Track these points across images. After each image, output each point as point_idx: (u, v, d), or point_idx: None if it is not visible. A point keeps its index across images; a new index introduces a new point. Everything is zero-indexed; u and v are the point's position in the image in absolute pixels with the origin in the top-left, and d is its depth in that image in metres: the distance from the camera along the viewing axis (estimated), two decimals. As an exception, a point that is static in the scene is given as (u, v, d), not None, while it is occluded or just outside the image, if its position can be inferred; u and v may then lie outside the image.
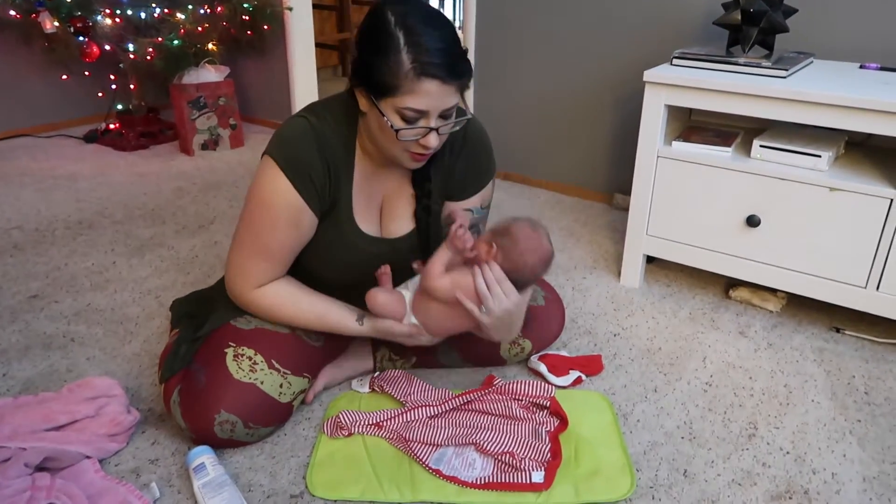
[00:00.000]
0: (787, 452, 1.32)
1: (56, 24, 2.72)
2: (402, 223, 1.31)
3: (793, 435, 1.37)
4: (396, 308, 1.25)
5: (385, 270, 1.29)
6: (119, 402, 1.32)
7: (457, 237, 1.17)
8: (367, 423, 1.33)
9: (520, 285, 1.20)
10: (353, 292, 1.30)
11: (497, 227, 1.21)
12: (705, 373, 1.56)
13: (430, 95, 1.06)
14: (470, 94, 2.76)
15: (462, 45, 1.10)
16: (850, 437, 1.37)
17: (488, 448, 1.25)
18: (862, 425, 1.40)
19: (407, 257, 1.29)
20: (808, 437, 1.36)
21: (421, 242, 1.31)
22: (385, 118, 1.08)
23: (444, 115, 1.11)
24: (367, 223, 1.29)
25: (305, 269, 1.30)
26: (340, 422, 1.32)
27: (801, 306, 1.84)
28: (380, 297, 1.25)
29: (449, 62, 1.06)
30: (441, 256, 1.20)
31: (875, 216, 1.53)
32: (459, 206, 1.33)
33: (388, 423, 1.32)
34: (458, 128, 1.16)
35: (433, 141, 1.11)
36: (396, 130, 1.08)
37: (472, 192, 1.33)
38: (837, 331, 1.73)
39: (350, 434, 1.31)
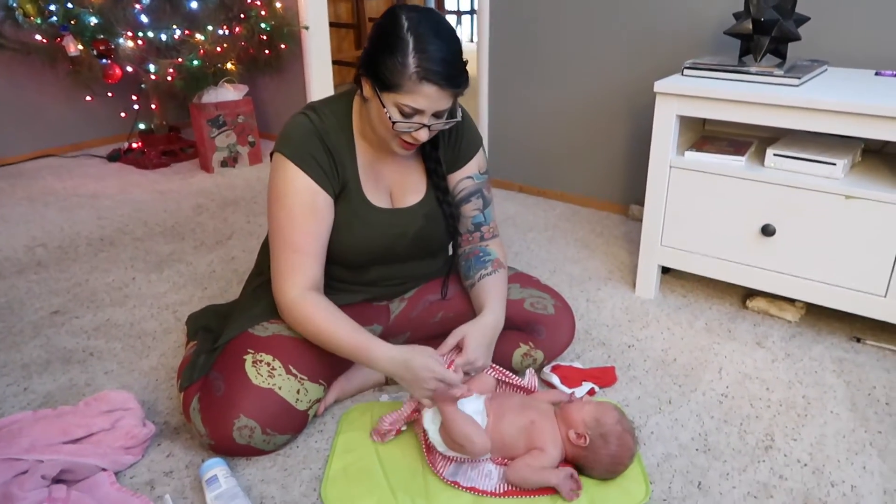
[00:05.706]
0: (805, 465, 1.30)
1: (80, 47, 2.79)
2: (413, 195, 1.42)
3: (811, 447, 1.34)
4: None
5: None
6: (134, 416, 1.34)
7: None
8: (404, 417, 1.33)
9: (584, 468, 1.24)
10: (380, 271, 1.43)
11: (596, 419, 1.23)
12: (721, 384, 1.54)
13: (428, 98, 1.18)
14: (484, 107, 2.78)
15: (464, 57, 1.21)
16: (870, 449, 1.34)
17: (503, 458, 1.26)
18: (883, 437, 1.37)
19: (420, 223, 1.41)
20: (826, 449, 1.34)
21: (438, 202, 1.43)
22: (385, 109, 1.20)
23: (436, 115, 1.23)
24: (378, 201, 1.38)
25: (334, 261, 1.37)
26: (387, 427, 1.32)
27: (820, 316, 1.81)
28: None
29: (449, 72, 1.17)
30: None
31: (893, 224, 1.51)
32: (461, 173, 1.44)
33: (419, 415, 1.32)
34: (447, 127, 1.28)
35: (423, 136, 1.24)
36: (393, 122, 1.21)
37: (468, 159, 1.46)
38: (858, 340, 1.70)
39: (399, 432, 1.34)
